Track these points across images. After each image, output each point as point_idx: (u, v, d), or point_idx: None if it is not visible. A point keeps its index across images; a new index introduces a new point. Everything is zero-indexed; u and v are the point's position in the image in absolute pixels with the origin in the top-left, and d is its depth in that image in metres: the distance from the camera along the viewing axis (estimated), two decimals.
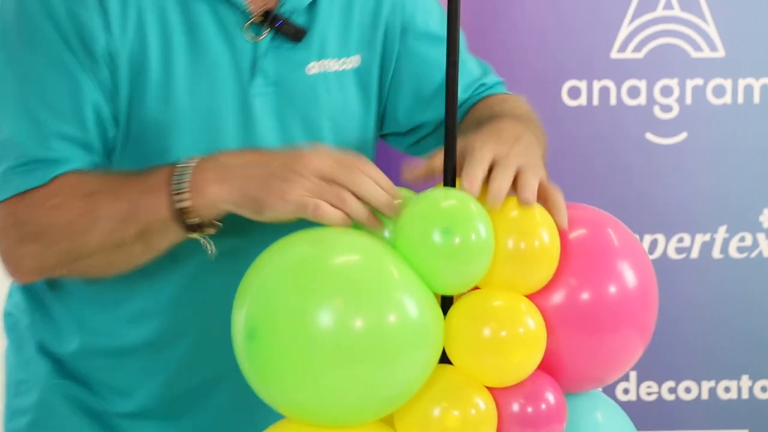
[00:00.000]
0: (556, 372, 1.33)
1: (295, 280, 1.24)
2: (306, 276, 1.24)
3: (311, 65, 1.56)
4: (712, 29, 2.55)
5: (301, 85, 1.55)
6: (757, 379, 2.62)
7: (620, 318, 1.34)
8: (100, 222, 1.41)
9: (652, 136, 2.59)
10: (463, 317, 1.29)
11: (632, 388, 2.61)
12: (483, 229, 1.26)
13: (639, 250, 1.39)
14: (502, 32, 2.53)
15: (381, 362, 1.23)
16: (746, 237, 2.59)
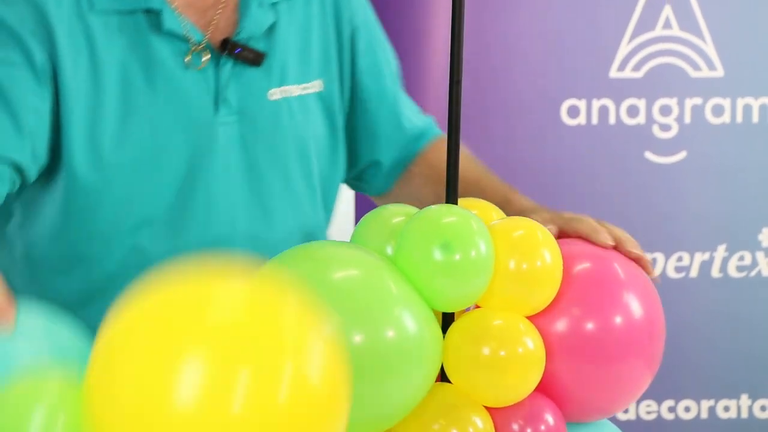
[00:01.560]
0: (560, 400, 1.33)
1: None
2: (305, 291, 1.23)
3: (273, 91, 1.58)
4: (711, 49, 2.56)
5: (264, 111, 1.56)
6: (756, 398, 2.62)
7: (626, 349, 1.33)
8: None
9: (651, 155, 2.59)
10: (463, 336, 1.29)
11: (631, 407, 2.61)
12: (483, 246, 1.27)
13: (645, 282, 1.38)
14: (501, 51, 2.53)
15: (379, 379, 1.23)
16: (745, 256, 2.60)
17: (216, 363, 0.94)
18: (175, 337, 0.95)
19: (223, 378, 0.93)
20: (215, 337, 0.95)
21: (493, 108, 2.54)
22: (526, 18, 2.53)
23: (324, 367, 1.00)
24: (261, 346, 0.96)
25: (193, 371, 0.93)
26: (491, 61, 2.52)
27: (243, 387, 0.94)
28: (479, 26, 2.50)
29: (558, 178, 2.55)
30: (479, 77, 2.50)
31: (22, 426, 1.01)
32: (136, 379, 0.95)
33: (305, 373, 0.98)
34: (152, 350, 0.95)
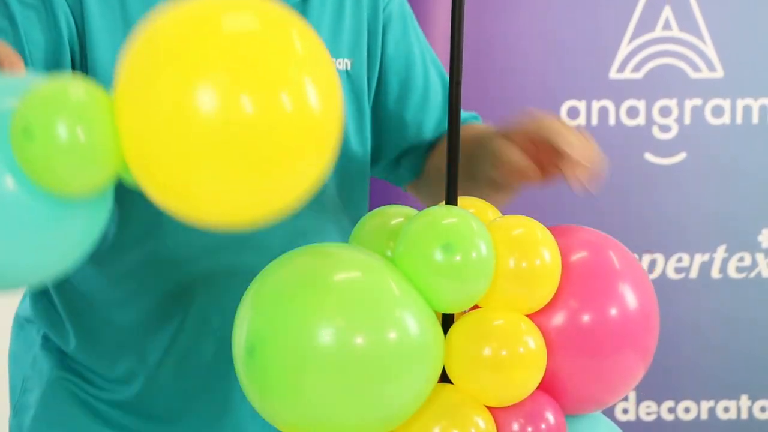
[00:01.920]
0: (557, 393, 1.33)
1: (296, 297, 1.24)
2: (306, 293, 1.24)
3: None
4: (710, 50, 2.56)
5: None
6: (756, 399, 2.62)
7: (621, 340, 1.34)
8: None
9: (651, 156, 2.59)
10: (464, 336, 1.29)
11: (631, 408, 2.61)
12: (484, 247, 1.27)
13: (640, 273, 1.39)
14: (500, 52, 2.54)
15: (381, 380, 1.23)
16: (745, 257, 2.60)
17: (233, 73, 1.07)
18: (198, 50, 1.08)
19: (240, 86, 1.07)
20: (234, 51, 1.08)
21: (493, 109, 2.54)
22: (526, 18, 2.53)
23: (329, 82, 1.12)
24: (274, 59, 1.09)
25: (214, 82, 1.07)
26: (491, 62, 2.52)
27: (257, 95, 1.07)
28: (479, 27, 2.50)
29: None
30: (479, 78, 2.50)
31: (51, 124, 1.09)
32: (164, 87, 1.07)
33: (314, 85, 1.10)
34: (177, 60, 1.08)
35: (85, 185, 1.13)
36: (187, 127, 1.07)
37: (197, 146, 1.08)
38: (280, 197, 1.14)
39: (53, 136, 1.10)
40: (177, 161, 1.09)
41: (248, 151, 1.08)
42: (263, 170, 1.10)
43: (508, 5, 2.52)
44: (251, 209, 1.15)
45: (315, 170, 1.15)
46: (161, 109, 1.08)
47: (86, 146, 1.10)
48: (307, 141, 1.12)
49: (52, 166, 1.11)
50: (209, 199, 1.12)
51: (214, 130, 1.06)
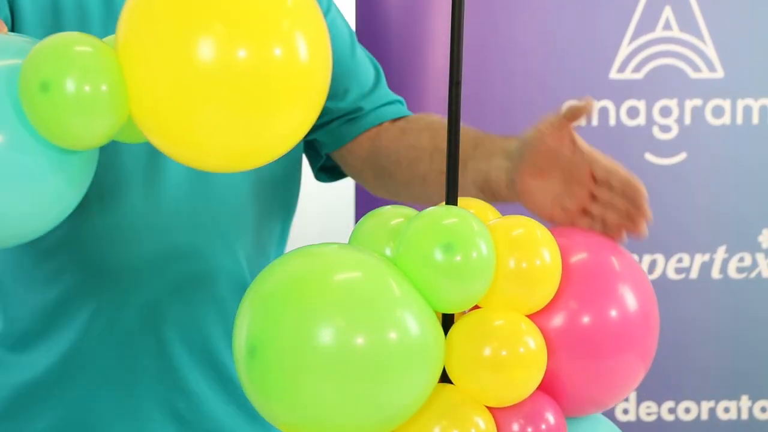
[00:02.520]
0: (557, 394, 1.33)
1: (296, 297, 1.24)
2: (307, 293, 1.24)
3: None
4: (711, 50, 2.56)
5: None
6: (756, 399, 2.62)
7: (621, 342, 1.34)
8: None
9: (651, 156, 2.59)
10: (464, 336, 1.29)
11: (632, 409, 2.61)
12: (484, 247, 1.27)
13: (640, 275, 1.39)
14: (500, 52, 2.54)
15: (381, 380, 1.23)
16: (745, 257, 2.60)
17: (229, 25, 1.15)
18: (196, 3, 1.16)
19: (235, 37, 1.15)
20: (230, 4, 1.16)
21: (493, 109, 2.54)
22: (526, 19, 2.53)
23: (318, 34, 1.20)
24: (267, 12, 1.17)
25: (212, 33, 1.15)
26: (491, 62, 2.52)
27: (251, 45, 1.15)
28: (479, 27, 2.50)
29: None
30: (479, 78, 2.50)
31: (66, 78, 1.16)
32: (166, 39, 1.16)
33: (304, 36, 1.18)
34: (177, 13, 1.16)
35: (93, 137, 1.19)
36: (187, 75, 1.15)
37: (197, 92, 1.16)
38: (274, 140, 1.22)
39: (68, 90, 1.15)
40: (179, 107, 1.17)
41: (244, 97, 1.16)
42: (257, 114, 1.18)
43: (508, 5, 2.52)
44: (248, 151, 1.22)
45: (305, 115, 1.22)
46: (163, 59, 1.16)
47: (97, 98, 1.17)
48: (297, 87, 1.19)
49: (64, 118, 1.16)
50: (208, 142, 1.20)
51: (212, 77, 1.15)
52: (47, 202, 1.23)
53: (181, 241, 1.58)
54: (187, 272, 1.59)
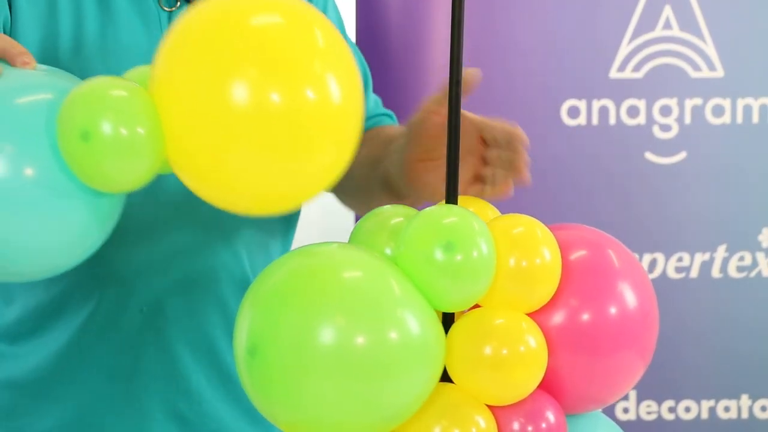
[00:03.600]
0: (557, 392, 1.33)
1: (297, 297, 1.24)
2: (307, 292, 1.24)
3: None
4: (711, 49, 2.56)
5: None
6: (756, 398, 2.62)
7: (621, 339, 1.34)
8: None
9: (651, 155, 2.59)
10: (465, 335, 1.29)
11: (632, 408, 2.61)
12: (485, 246, 1.27)
13: (640, 272, 1.39)
14: (500, 51, 2.54)
15: (382, 380, 1.23)
16: (745, 256, 2.60)
17: (262, 69, 1.17)
18: (229, 47, 1.17)
19: (269, 80, 1.16)
20: (262, 47, 1.18)
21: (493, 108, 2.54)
22: (526, 18, 2.53)
23: (350, 75, 1.21)
24: (299, 55, 1.18)
25: (244, 77, 1.16)
26: (491, 62, 2.52)
27: (284, 88, 1.17)
28: (479, 26, 2.50)
29: (558, 178, 2.55)
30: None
31: (106, 125, 1.18)
32: (199, 82, 1.17)
33: (336, 78, 1.19)
34: (211, 57, 1.17)
35: (131, 181, 1.21)
36: (220, 118, 1.17)
37: (230, 135, 1.17)
38: (307, 182, 1.23)
39: (107, 136, 1.17)
40: (212, 150, 1.18)
41: (277, 139, 1.17)
42: (291, 157, 1.19)
43: (509, 5, 2.53)
44: (281, 194, 1.24)
45: (339, 157, 1.22)
46: (196, 102, 1.17)
47: (136, 142, 1.18)
48: (330, 129, 1.19)
49: (104, 164, 1.18)
50: (241, 185, 1.21)
51: (244, 120, 1.16)
52: (76, 239, 1.25)
53: (181, 238, 1.58)
54: (188, 270, 1.59)
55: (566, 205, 2.53)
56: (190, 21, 1.21)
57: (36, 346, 1.60)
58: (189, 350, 1.60)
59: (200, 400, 1.62)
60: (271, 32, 1.18)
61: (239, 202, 1.25)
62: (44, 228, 1.22)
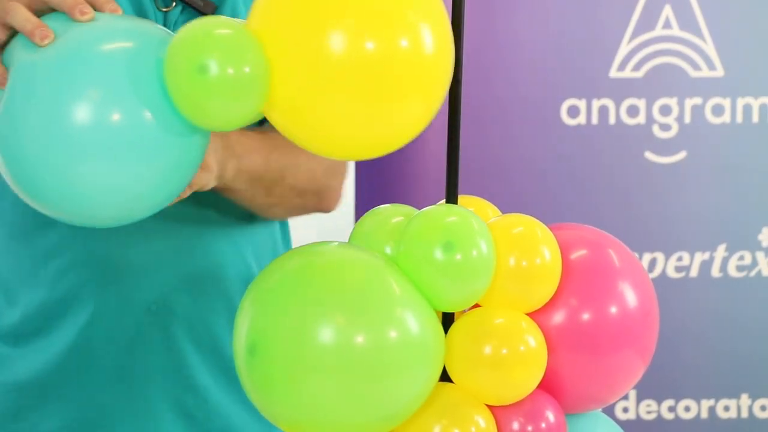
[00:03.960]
0: (557, 392, 1.33)
1: (296, 296, 1.24)
2: (307, 291, 1.24)
3: None
4: (711, 48, 2.56)
5: None
6: (756, 397, 2.62)
7: (621, 339, 1.34)
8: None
9: (651, 155, 2.59)
10: (464, 335, 1.29)
11: (632, 407, 2.61)
12: (484, 246, 1.27)
13: (640, 271, 1.39)
14: (501, 50, 2.54)
15: (382, 379, 1.23)
16: (745, 256, 2.60)
17: (358, 15, 1.19)
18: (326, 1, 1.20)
19: (365, 30, 1.19)
20: None
21: (493, 108, 2.54)
22: (526, 17, 2.53)
23: (442, 27, 1.23)
24: (394, 5, 1.21)
25: (342, 27, 1.19)
26: (491, 61, 2.52)
27: (379, 38, 1.19)
28: (479, 26, 2.50)
29: (558, 178, 2.55)
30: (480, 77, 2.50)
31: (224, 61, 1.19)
32: (301, 30, 1.19)
33: (429, 29, 1.21)
34: (312, 7, 1.20)
35: (236, 118, 1.21)
36: (318, 65, 1.19)
37: (328, 82, 1.19)
38: (397, 130, 1.25)
39: (226, 72, 1.18)
40: (310, 96, 1.20)
41: (371, 87, 1.20)
42: (383, 104, 1.21)
43: (509, 4, 2.53)
44: (373, 140, 1.25)
45: (429, 106, 1.24)
46: (297, 50, 1.20)
47: (247, 80, 1.19)
48: (422, 78, 1.21)
49: (216, 99, 1.19)
50: (336, 130, 1.23)
51: (341, 67, 1.18)
52: (161, 182, 1.25)
53: (187, 236, 1.58)
54: (195, 268, 1.59)
55: (566, 205, 2.53)
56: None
57: (40, 346, 1.60)
58: (196, 348, 1.60)
59: (207, 398, 1.62)
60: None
61: (332, 147, 1.26)
62: (138, 163, 1.22)
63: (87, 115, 1.19)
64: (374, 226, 1.34)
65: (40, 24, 1.21)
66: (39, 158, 1.20)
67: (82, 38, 1.22)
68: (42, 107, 1.19)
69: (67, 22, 1.23)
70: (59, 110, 1.19)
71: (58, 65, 1.21)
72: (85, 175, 1.21)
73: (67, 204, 1.23)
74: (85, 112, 1.19)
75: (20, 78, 1.22)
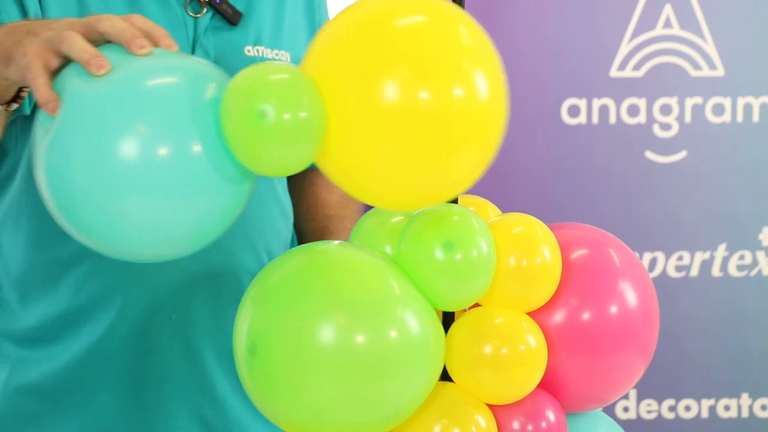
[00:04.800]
0: (557, 391, 1.33)
1: (297, 296, 1.24)
2: (307, 291, 1.24)
3: (248, 48, 1.61)
4: (711, 48, 2.56)
5: (239, 63, 1.56)
6: (757, 397, 2.62)
7: (621, 338, 1.34)
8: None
9: (651, 154, 2.59)
10: (465, 334, 1.29)
11: (632, 407, 2.61)
12: (485, 245, 1.27)
13: (640, 271, 1.39)
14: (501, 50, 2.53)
15: (382, 378, 1.23)
16: (746, 255, 2.60)
17: (412, 68, 1.17)
18: (382, 47, 1.18)
19: (418, 79, 1.17)
20: (412, 47, 1.18)
21: None
22: (526, 17, 2.53)
23: (496, 73, 1.21)
24: (446, 54, 1.19)
25: (396, 76, 1.17)
26: None
27: (433, 87, 1.16)
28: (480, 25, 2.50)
29: (558, 178, 2.55)
30: None
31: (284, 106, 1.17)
32: (355, 79, 1.18)
33: (484, 76, 1.19)
34: (365, 56, 1.18)
35: (292, 165, 1.20)
36: (372, 114, 1.17)
37: (382, 130, 1.17)
38: (451, 180, 1.22)
39: (283, 118, 1.17)
40: (365, 144, 1.18)
41: (425, 137, 1.17)
42: (437, 154, 1.19)
43: (509, 4, 2.52)
44: (426, 190, 1.22)
45: (483, 155, 1.22)
46: (350, 97, 1.18)
47: (303, 126, 1.17)
48: (477, 127, 1.19)
49: (272, 145, 1.18)
50: (389, 180, 1.21)
51: (395, 117, 1.16)
52: (205, 224, 1.23)
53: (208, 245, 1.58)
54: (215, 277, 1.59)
55: (566, 205, 2.53)
56: (343, 22, 1.22)
57: (58, 352, 1.59)
58: (215, 356, 1.60)
59: (225, 407, 1.62)
60: (421, 32, 1.19)
61: (382, 197, 1.24)
62: (192, 208, 1.21)
63: (140, 151, 1.16)
64: (374, 225, 1.34)
65: (97, 54, 1.19)
66: (85, 190, 1.17)
67: (140, 72, 1.20)
68: (93, 139, 1.17)
69: (123, 54, 1.21)
70: (110, 144, 1.16)
71: (115, 97, 1.18)
72: (130, 212, 1.18)
73: (109, 238, 1.21)
74: (139, 147, 1.16)
75: (74, 107, 1.19)
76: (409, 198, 1.23)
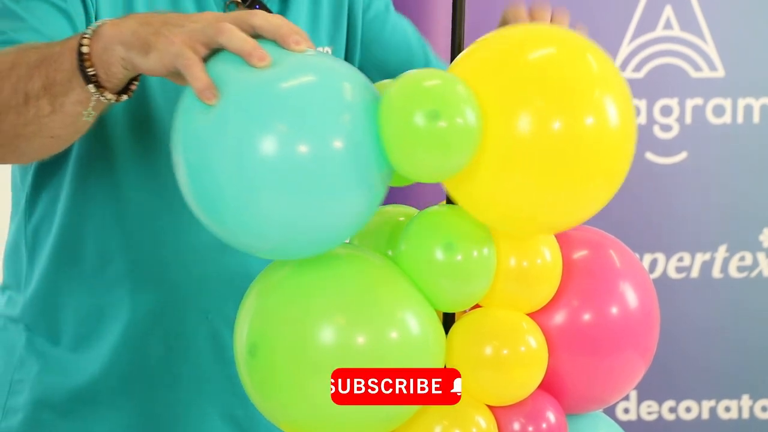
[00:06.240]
0: (558, 392, 1.33)
1: (297, 296, 1.24)
2: (308, 292, 1.24)
3: None
4: (711, 49, 2.56)
5: None
6: (757, 398, 2.62)
7: (621, 339, 1.34)
8: (13, 70, 1.35)
9: (651, 155, 2.59)
10: (465, 335, 1.29)
11: (633, 408, 2.61)
12: (485, 247, 1.27)
13: (641, 272, 1.39)
14: None
15: None
16: (746, 256, 2.60)
17: (546, 99, 1.19)
18: (516, 79, 1.21)
19: (552, 110, 1.19)
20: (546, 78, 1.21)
21: None
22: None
23: (625, 100, 1.23)
24: (579, 84, 1.22)
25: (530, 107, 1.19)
26: None
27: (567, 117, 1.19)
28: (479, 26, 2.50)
29: None
30: None
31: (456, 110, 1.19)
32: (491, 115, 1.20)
33: (614, 104, 1.22)
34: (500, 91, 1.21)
35: (445, 171, 1.21)
36: (507, 145, 1.19)
37: (516, 158, 1.19)
38: (580, 209, 1.25)
39: (456, 123, 1.19)
40: (498, 173, 1.21)
41: (558, 165, 1.19)
42: (570, 182, 1.21)
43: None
44: (554, 218, 1.25)
45: (613, 183, 1.24)
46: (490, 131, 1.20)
47: (463, 133, 1.19)
48: (607, 155, 1.21)
49: (442, 147, 1.19)
50: (520, 207, 1.23)
51: (530, 145, 1.18)
52: (350, 226, 1.24)
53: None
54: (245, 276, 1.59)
55: None
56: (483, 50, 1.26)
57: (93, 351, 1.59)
58: None
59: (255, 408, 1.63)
60: (554, 62, 1.22)
61: (511, 222, 1.26)
62: (338, 209, 1.21)
63: (301, 146, 1.16)
64: (375, 226, 1.34)
65: (257, 46, 1.20)
66: (230, 180, 1.18)
67: (303, 66, 1.20)
68: (257, 124, 1.17)
69: (279, 49, 1.21)
70: (273, 134, 1.16)
71: (282, 87, 1.18)
72: (266, 206, 1.18)
73: (244, 232, 1.22)
74: (300, 141, 1.16)
75: (237, 95, 1.19)
76: (534, 225, 1.26)
